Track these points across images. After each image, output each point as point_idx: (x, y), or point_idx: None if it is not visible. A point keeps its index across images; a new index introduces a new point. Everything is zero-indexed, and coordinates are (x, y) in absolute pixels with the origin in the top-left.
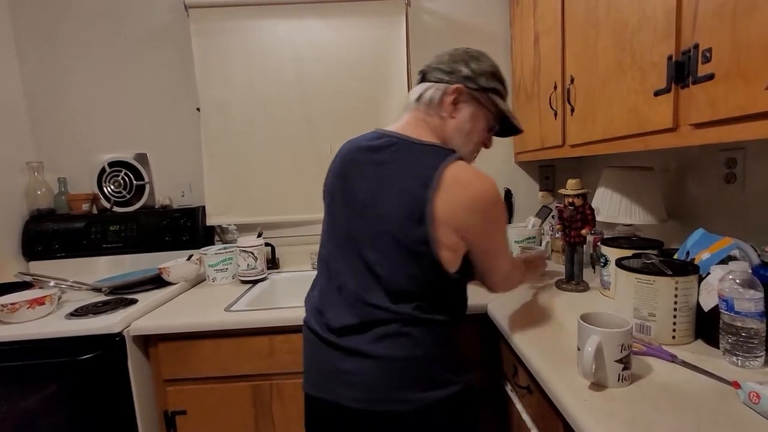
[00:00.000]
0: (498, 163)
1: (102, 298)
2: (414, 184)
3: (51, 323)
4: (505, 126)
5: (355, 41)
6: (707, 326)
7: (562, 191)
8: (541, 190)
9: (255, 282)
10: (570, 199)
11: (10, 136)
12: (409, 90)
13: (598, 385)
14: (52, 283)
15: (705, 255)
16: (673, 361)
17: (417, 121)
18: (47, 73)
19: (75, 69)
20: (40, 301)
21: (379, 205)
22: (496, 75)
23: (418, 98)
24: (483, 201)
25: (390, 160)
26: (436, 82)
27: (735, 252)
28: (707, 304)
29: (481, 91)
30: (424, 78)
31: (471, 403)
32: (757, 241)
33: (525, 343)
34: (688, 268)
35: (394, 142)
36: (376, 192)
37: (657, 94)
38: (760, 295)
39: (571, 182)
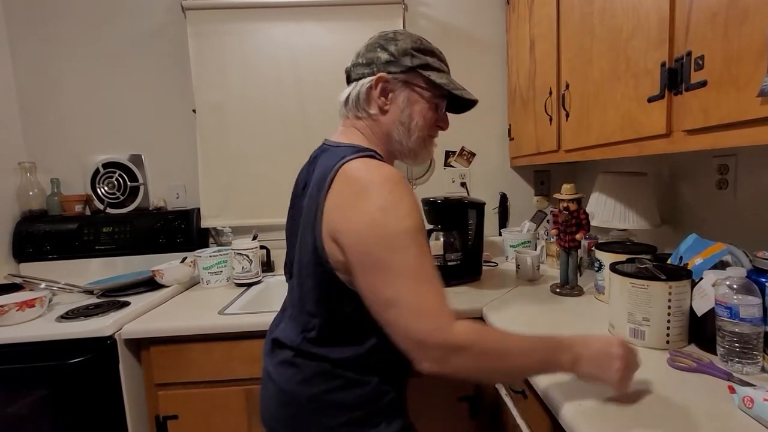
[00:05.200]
0: (493, 168)
1: (94, 300)
2: (315, 191)
3: (41, 326)
4: (455, 100)
5: (352, 44)
6: (700, 330)
7: (557, 196)
8: (536, 195)
9: (249, 285)
10: (565, 204)
11: (1, 135)
12: None
13: None
14: (42, 285)
15: (698, 260)
16: (729, 380)
17: (346, 128)
18: (41, 73)
19: (69, 68)
20: (30, 304)
21: (299, 230)
22: (421, 49)
23: (346, 101)
24: (360, 183)
25: (309, 177)
26: (358, 79)
27: (727, 257)
28: (700, 309)
29: (410, 72)
30: (348, 79)
31: None
32: (749, 246)
33: None
34: (681, 273)
35: (318, 155)
36: (298, 218)
37: (651, 100)
38: (759, 300)
39: (566, 187)
